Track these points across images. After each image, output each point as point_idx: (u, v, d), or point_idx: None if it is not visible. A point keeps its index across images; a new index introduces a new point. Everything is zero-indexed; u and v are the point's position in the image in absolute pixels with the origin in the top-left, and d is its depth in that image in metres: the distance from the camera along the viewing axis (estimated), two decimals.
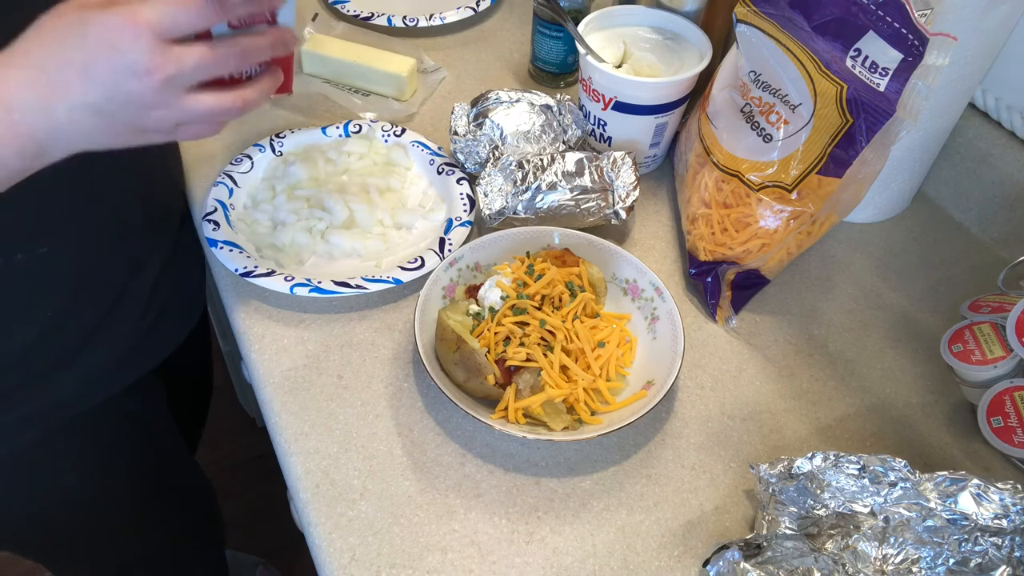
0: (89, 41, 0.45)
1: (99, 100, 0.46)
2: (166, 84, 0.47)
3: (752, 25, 0.70)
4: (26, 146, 0.47)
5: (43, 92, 0.46)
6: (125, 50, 0.45)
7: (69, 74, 0.45)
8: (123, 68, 0.45)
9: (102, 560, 0.93)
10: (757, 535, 0.56)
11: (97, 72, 0.45)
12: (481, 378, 0.63)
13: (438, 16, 1.02)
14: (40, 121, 0.46)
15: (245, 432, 1.55)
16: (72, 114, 0.46)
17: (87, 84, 0.46)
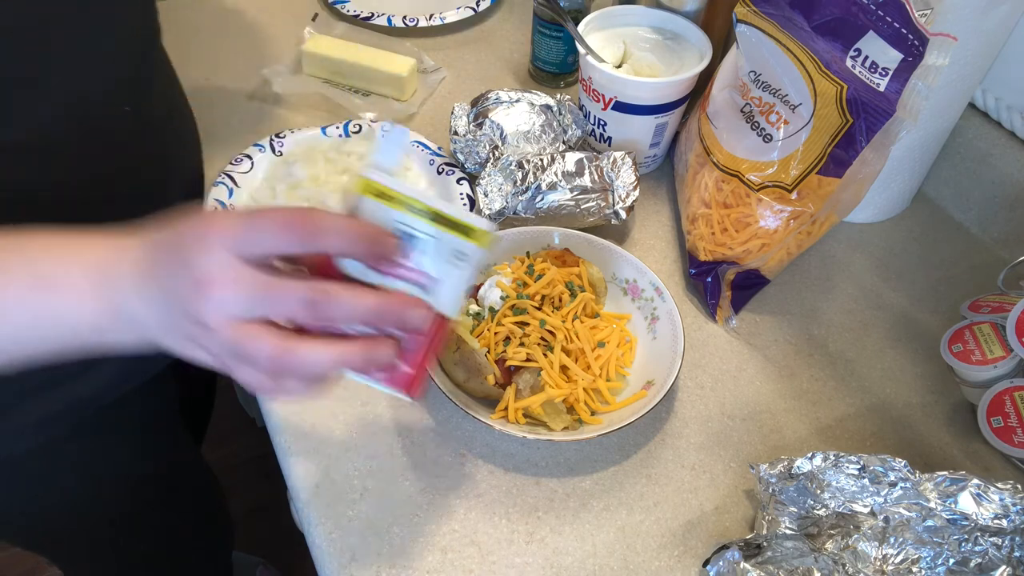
0: (163, 244, 0.42)
1: (160, 308, 0.42)
2: (218, 305, 0.39)
3: (752, 25, 0.70)
4: (100, 318, 0.44)
5: (129, 285, 0.43)
6: (189, 258, 0.40)
7: (144, 276, 0.42)
8: (180, 276, 0.40)
9: (110, 557, 0.93)
10: (757, 535, 0.56)
11: (159, 277, 0.42)
12: (481, 378, 0.63)
13: (438, 16, 1.02)
14: (134, 311, 0.43)
15: (245, 432, 1.54)
16: (143, 307, 0.43)
17: (150, 289, 0.42)
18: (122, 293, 0.43)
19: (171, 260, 0.41)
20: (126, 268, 0.43)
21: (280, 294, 0.40)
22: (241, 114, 0.90)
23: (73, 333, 0.44)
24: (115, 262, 0.43)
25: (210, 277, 0.39)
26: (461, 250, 0.43)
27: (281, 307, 0.40)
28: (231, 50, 0.98)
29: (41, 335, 0.44)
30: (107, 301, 0.43)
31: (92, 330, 0.44)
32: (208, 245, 0.39)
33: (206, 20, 1.03)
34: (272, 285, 0.39)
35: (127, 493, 0.85)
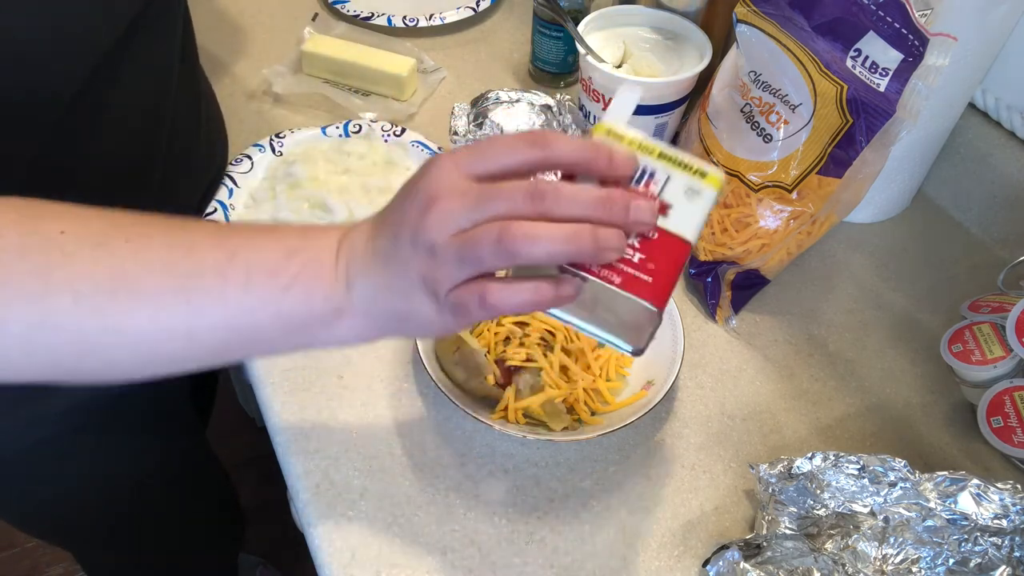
0: (401, 192, 0.42)
1: (392, 247, 0.41)
2: (444, 215, 0.39)
3: (752, 25, 0.70)
4: (334, 295, 0.42)
5: (365, 261, 0.42)
6: (419, 187, 0.40)
7: (385, 248, 0.42)
8: (407, 203, 0.41)
9: (126, 548, 0.94)
10: (757, 535, 0.56)
11: (394, 218, 0.42)
12: (481, 378, 0.63)
13: (438, 16, 1.02)
14: (360, 280, 0.42)
15: (245, 432, 1.54)
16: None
17: (384, 239, 0.42)
18: (354, 264, 0.42)
19: (400, 198, 0.41)
20: (359, 241, 0.43)
21: (505, 191, 0.38)
22: (241, 114, 0.90)
23: (303, 323, 0.43)
24: (348, 238, 0.43)
25: (437, 193, 0.39)
26: (695, 188, 0.43)
27: (506, 203, 0.38)
28: (231, 50, 0.98)
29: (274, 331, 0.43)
30: (341, 277, 0.42)
31: (325, 314, 0.42)
32: (437, 166, 0.40)
33: (206, 20, 1.03)
34: (497, 187, 0.39)
35: (141, 484, 0.86)
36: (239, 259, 0.41)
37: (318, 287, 0.42)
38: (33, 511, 0.82)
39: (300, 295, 0.41)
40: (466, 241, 0.38)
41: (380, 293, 0.42)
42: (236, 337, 0.42)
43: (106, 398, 0.74)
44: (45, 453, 0.74)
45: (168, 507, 0.92)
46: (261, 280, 0.41)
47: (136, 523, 0.90)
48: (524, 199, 0.38)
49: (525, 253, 0.38)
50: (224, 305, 0.41)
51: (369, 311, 0.42)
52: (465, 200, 0.38)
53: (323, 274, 0.42)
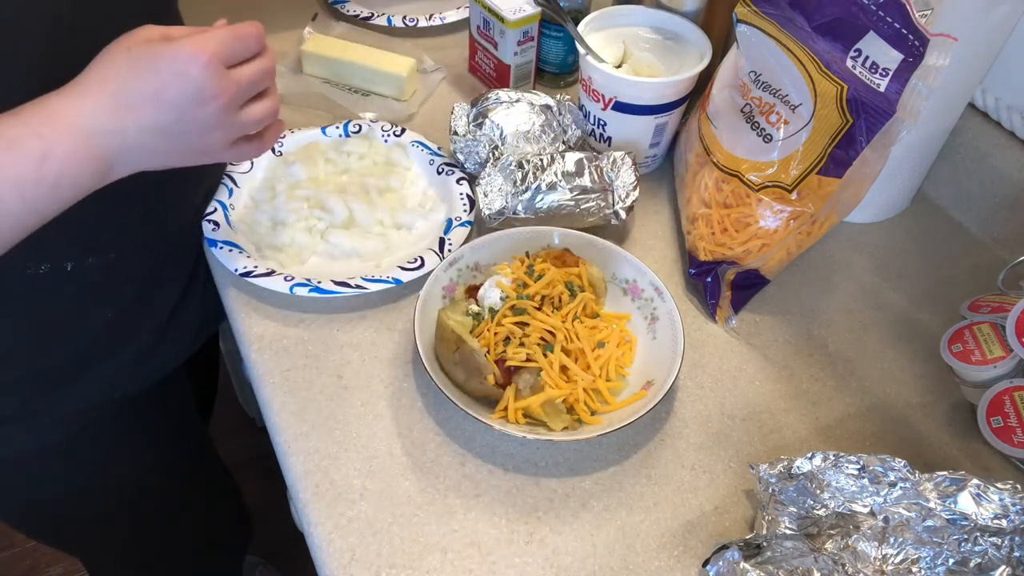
0: (161, 70, 0.50)
1: (168, 123, 0.51)
2: (227, 106, 0.53)
3: (752, 25, 0.70)
4: (99, 167, 0.51)
5: (118, 116, 0.50)
6: (195, 77, 0.50)
7: (142, 100, 0.50)
8: (192, 94, 0.51)
9: (133, 551, 0.94)
10: (757, 535, 0.56)
11: (168, 98, 0.50)
12: (481, 378, 0.63)
13: (438, 16, 1.02)
14: (113, 143, 0.50)
15: (245, 432, 1.54)
16: (142, 136, 0.51)
17: (158, 108, 0.50)
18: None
19: (163, 85, 0.50)
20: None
21: (257, 73, 0.55)
22: None
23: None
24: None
25: (219, 88, 0.51)
26: None
27: (261, 81, 0.56)
28: None
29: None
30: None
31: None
32: (206, 63, 0.50)
33: (206, 20, 1.02)
34: (252, 71, 0.55)
35: (145, 487, 0.86)
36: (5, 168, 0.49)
37: (84, 175, 0.51)
38: (36, 515, 0.82)
39: (70, 186, 0.51)
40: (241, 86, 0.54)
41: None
42: (31, 220, 0.50)
43: (108, 402, 0.74)
44: (48, 458, 0.74)
45: (172, 509, 0.92)
46: (30, 189, 0.49)
47: (140, 526, 0.90)
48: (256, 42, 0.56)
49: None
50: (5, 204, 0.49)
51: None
52: (237, 95, 0.53)
53: (83, 165, 0.51)
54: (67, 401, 0.71)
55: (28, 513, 0.82)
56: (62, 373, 0.70)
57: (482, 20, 0.90)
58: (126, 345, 0.73)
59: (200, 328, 0.82)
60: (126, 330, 0.73)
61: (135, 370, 0.75)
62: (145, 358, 0.75)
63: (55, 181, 0.49)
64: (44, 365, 0.68)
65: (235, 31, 0.54)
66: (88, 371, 0.71)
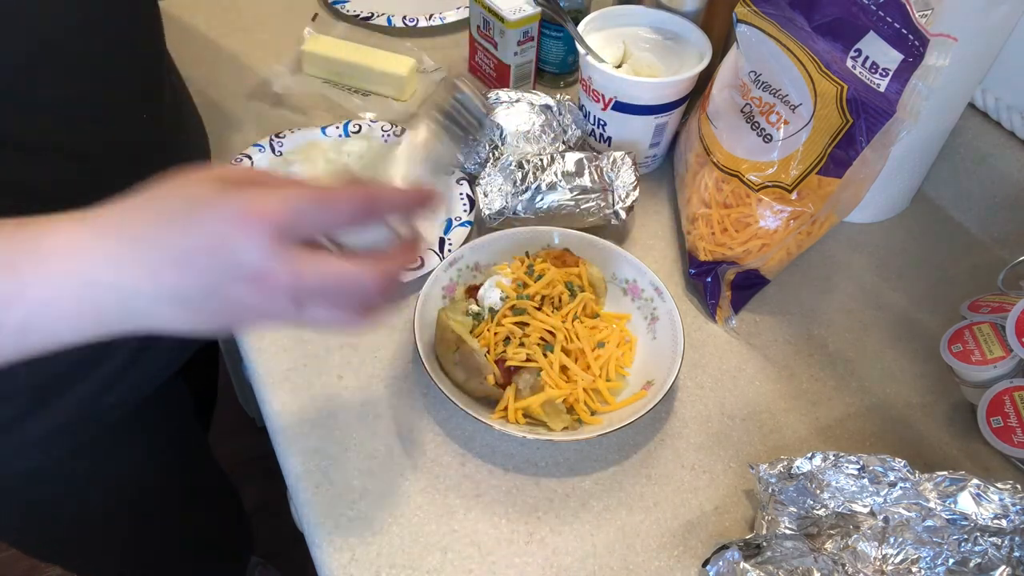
0: (196, 228, 0.38)
1: (193, 295, 0.39)
2: (276, 294, 0.39)
3: (752, 25, 0.70)
4: (88, 324, 0.39)
5: (130, 271, 0.38)
6: (235, 248, 0.37)
7: (165, 259, 0.38)
8: (229, 268, 0.38)
9: (129, 564, 0.93)
10: (757, 535, 0.56)
11: (197, 265, 0.38)
12: (481, 378, 0.63)
13: (438, 16, 1.02)
14: (114, 302, 0.39)
15: (245, 432, 1.54)
16: (157, 304, 0.39)
17: (181, 275, 0.38)
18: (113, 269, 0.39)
19: (194, 247, 0.38)
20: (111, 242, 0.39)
21: (335, 282, 0.40)
22: (241, 114, 0.90)
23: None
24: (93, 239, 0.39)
25: (266, 270, 0.38)
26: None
27: (338, 296, 0.41)
28: (231, 50, 0.98)
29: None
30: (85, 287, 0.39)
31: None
32: (254, 231, 0.37)
33: (206, 20, 1.03)
34: (327, 273, 0.39)
35: (147, 494, 0.85)
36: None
37: (63, 330, 0.39)
38: (33, 528, 0.81)
39: (42, 338, 0.39)
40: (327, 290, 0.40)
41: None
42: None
43: (100, 412, 0.73)
44: (45, 473, 0.73)
45: (171, 516, 0.92)
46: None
47: (138, 534, 0.89)
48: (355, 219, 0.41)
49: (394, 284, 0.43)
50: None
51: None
52: (291, 288, 0.39)
53: (61, 319, 0.39)
54: (59, 411, 0.69)
55: (25, 527, 0.81)
56: (54, 383, 0.68)
57: (482, 20, 0.90)
58: (115, 353, 0.71)
59: (181, 342, 0.78)
60: (111, 342, 0.70)
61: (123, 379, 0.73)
62: (131, 367, 0.74)
63: (19, 328, 0.38)
64: (36, 375, 0.67)
65: (326, 195, 0.39)
66: (81, 379, 0.70)
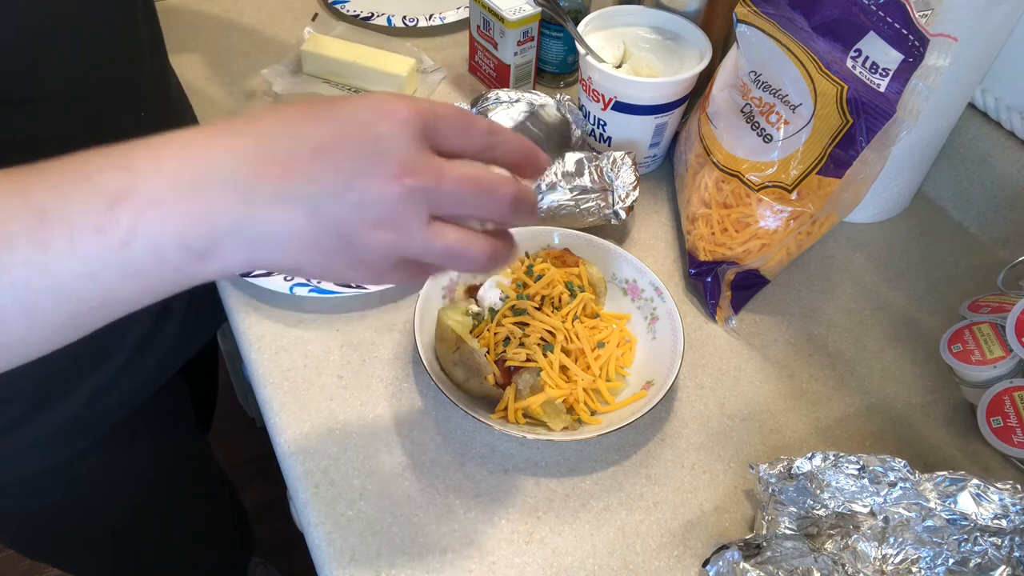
0: (337, 115, 0.35)
1: (321, 194, 0.34)
2: (412, 197, 0.35)
3: (752, 25, 0.70)
4: (196, 238, 0.34)
5: (255, 168, 0.34)
6: (381, 135, 0.34)
7: (298, 149, 0.34)
8: (369, 157, 0.34)
9: (130, 567, 0.93)
10: (757, 535, 0.56)
11: (335, 155, 0.34)
12: (481, 378, 0.63)
13: (438, 16, 1.02)
14: (232, 206, 0.34)
15: (245, 432, 1.55)
16: (279, 205, 0.34)
17: (315, 167, 0.34)
18: (230, 203, 0.34)
19: (345, 137, 0.34)
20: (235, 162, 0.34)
21: (473, 189, 0.37)
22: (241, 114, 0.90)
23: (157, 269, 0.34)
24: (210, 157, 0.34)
25: (410, 164, 0.35)
26: None
27: (474, 205, 0.38)
28: (231, 50, 0.98)
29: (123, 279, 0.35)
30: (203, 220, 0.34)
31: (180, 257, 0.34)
32: (405, 121, 0.35)
33: (206, 20, 1.03)
34: (467, 179, 0.37)
35: (146, 497, 0.85)
36: (52, 217, 0.32)
37: (167, 236, 0.34)
38: (32, 531, 0.81)
39: (145, 249, 0.33)
40: (455, 244, 0.37)
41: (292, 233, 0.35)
42: (84, 307, 0.34)
43: (99, 414, 0.73)
44: (47, 475, 0.73)
45: (170, 518, 0.91)
46: (88, 239, 0.33)
47: (138, 536, 0.89)
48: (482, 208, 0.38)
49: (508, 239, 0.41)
50: (54, 276, 0.33)
51: (265, 243, 0.35)
52: (431, 192, 0.36)
53: (169, 220, 0.33)
54: (60, 413, 0.69)
55: (24, 529, 0.80)
56: (54, 385, 0.68)
57: (482, 20, 0.90)
58: (114, 355, 0.71)
59: (181, 342, 0.79)
60: (113, 338, 0.70)
61: (123, 380, 0.73)
62: (131, 366, 0.74)
63: (123, 239, 0.33)
64: (36, 378, 0.67)
65: (465, 113, 0.38)
66: (80, 382, 0.69)
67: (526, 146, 0.41)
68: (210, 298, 0.80)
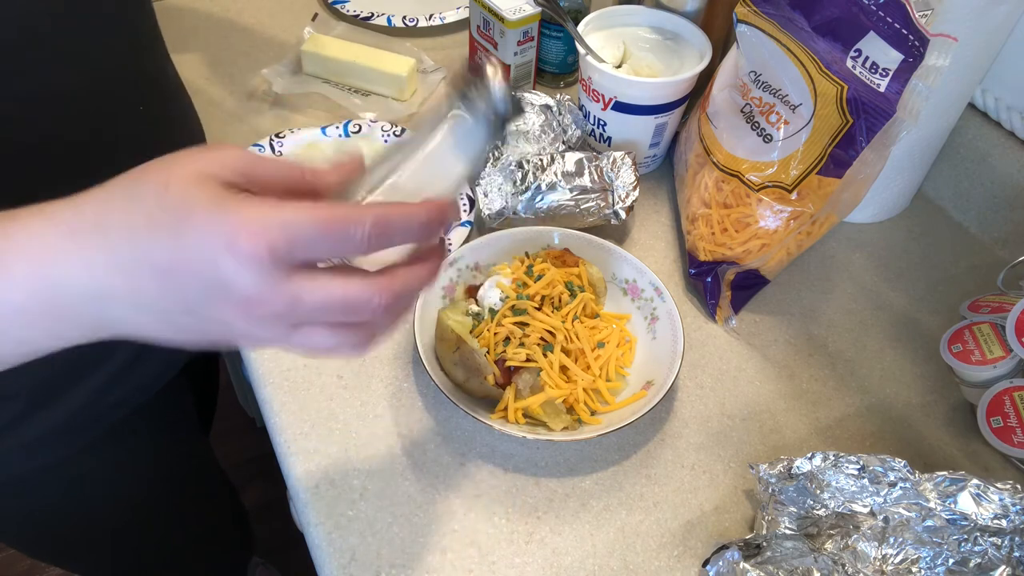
0: (183, 242, 0.34)
1: (174, 311, 0.36)
2: (264, 323, 0.36)
3: (752, 25, 0.70)
4: (65, 329, 0.37)
5: (103, 279, 0.35)
6: (224, 272, 0.34)
7: (146, 271, 0.35)
8: (215, 291, 0.34)
9: (130, 565, 0.93)
10: (757, 535, 0.56)
11: (179, 283, 0.34)
12: (481, 378, 0.63)
13: (438, 16, 1.02)
14: (92, 309, 0.36)
15: (245, 432, 1.55)
16: (135, 313, 0.36)
17: (162, 290, 0.35)
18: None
19: (179, 264, 0.35)
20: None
21: (339, 305, 0.36)
22: (241, 114, 0.90)
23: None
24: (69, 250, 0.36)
25: (258, 297, 0.34)
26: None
27: (341, 316, 0.37)
28: (231, 50, 0.98)
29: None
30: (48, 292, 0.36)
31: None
32: (249, 256, 0.33)
33: (206, 20, 1.03)
34: (329, 297, 0.36)
35: (147, 497, 0.85)
36: None
37: (37, 331, 0.37)
38: (33, 530, 0.80)
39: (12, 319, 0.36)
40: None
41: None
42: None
43: (101, 413, 0.73)
44: (46, 473, 0.73)
45: (171, 518, 0.91)
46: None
47: (139, 536, 0.89)
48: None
49: (408, 298, 0.41)
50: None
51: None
52: (286, 316, 0.36)
53: (36, 325, 0.37)
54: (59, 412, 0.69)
55: (24, 529, 0.80)
56: (52, 384, 0.68)
57: (482, 20, 0.90)
58: (114, 355, 0.70)
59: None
60: (112, 341, 0.70)
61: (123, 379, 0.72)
62: (132, 367, 0.73)
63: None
64: (34, 376, 0.67)
65: (335, 221, 0.35)
66: (79, 381, 0.69)
67: (427, 216, 0.38)
68: None
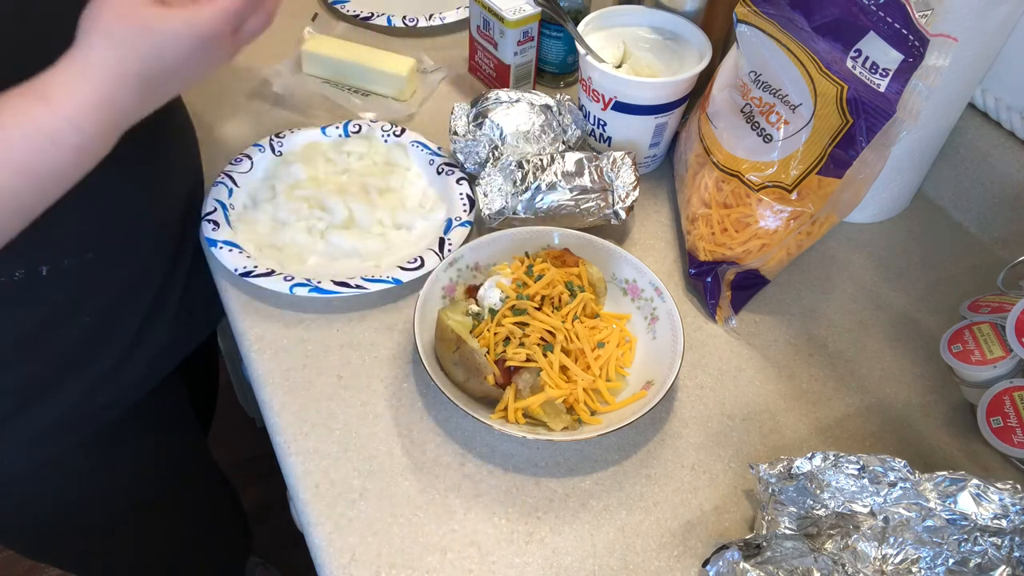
0: (173, 50, 0.52)
1: (187, 82, 0.56)
2: (234, 52, 0.59)
3: (752, 25, 0.70)
4: (116, 135, 0.52)
5: (142, 97, 0.53)
6: (208, 52, 0.54)
7: (166, 79, 0.53)
8: (207, 60, 0.55)
9: (129, 565, 0.93)
10: (757, 535, 0.56)
11: (189, 73, 0.55)
12: (481, 378, 0.63)
13: (438, 16, 1.02)
14: (134, 117, 0.53)
15: (245, 432, 1.55)
16: (162, 99, 0.55)
17: (180, 82, 0.56)
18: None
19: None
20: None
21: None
22: (241, 114, 0.90)
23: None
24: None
25: (224, 54, 0.57)
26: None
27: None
28: None
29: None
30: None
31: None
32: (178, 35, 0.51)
33: None
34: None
35: (145, 498, 0.85)
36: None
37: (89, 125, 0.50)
38: (31, 531, 0.80)
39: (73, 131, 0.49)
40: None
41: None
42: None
43: (95, 412, 0.73)
44: (45, 473, 0.73)
45: (169, 519, 0.91)
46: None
47: (137, 536, 0.89)
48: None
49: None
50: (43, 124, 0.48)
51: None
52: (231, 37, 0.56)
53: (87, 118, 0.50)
54: (47, 412, 0.69)
55: (23, 529, 0.80)
56: (40, 384, 0.68)
57: (482, 20, 0.90)
58: (103, 354, 0.71)
59: (172, 344, 0.78)
60: (102, 337, 0.70)
61: (113, 378, 0.73)
62: (121, 367, 0.73)
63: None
64: (21, 374, 0.67)
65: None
66: (68, 380, 0.69)
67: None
68: (203, 301, 0.80)
